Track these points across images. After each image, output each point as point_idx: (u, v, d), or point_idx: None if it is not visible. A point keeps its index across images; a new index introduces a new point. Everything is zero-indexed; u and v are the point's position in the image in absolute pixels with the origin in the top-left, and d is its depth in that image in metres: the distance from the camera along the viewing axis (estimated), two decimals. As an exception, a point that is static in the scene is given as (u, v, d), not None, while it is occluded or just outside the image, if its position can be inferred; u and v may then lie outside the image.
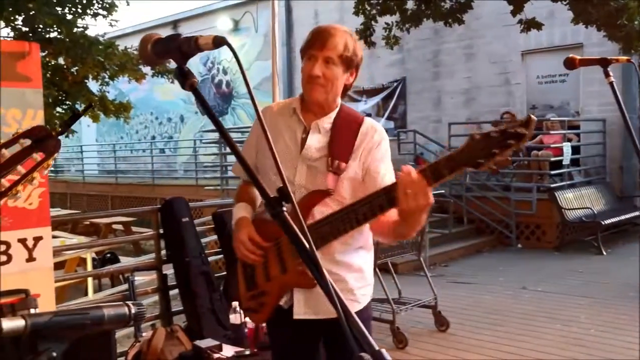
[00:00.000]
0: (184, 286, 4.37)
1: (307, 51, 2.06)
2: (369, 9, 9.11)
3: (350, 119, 2.14)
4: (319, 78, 2.02)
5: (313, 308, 2.08)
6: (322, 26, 2.10)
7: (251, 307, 2.22)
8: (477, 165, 1.66)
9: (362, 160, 2.08)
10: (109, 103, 6.98)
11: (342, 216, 1.90)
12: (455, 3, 8.75)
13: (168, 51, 1.11)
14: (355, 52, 2.07)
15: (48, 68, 6.62)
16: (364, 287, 2.17)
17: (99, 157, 20.48)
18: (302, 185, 2.07)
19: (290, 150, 2.10)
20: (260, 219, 2.17)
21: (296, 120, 2.14)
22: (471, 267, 7.95)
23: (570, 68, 2.34)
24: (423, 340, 4.94)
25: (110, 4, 6.91)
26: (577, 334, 5.00)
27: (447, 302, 5.96)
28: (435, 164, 1.72)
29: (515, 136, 1.61)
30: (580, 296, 6.15)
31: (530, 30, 8.66)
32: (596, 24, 7.82)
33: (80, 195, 17.97)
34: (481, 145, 1.64)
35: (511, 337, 4.96)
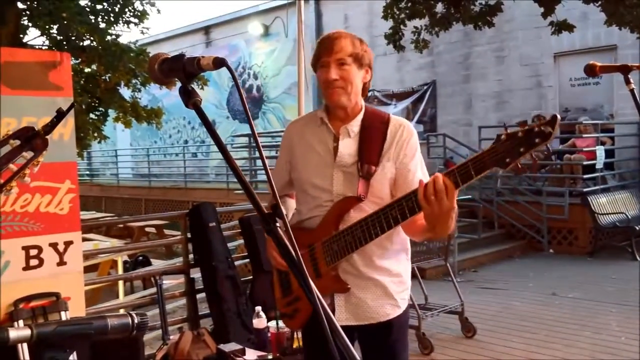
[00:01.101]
0: (211, 290, 4.43)
1: (318, 61, 2.11)
2: (397, 12, 9.11)
3: (376, 119, 2.16)
4: (337, 81, 2.06)
5: (354, 314, 2.11)
6: (324, 35, 2.15)
7: (287, 312, 2.27)
8: (505, 165, 1.69)
9: (394, 159, 2.09)
10: (140, 109, 7.11)
11: (374, 220, 1.94)
12: (485, 6, 8.68)
13: (173, 70, 1.15)
14: (364, 49, 2.12)
15: (81, 75, 6.78)
16: (403, 291, 2.18)
17: (133, 161, 20.84)
18: (341, 193, 2.09)
19: (325, 160, 2.13)
20: (293, 228, 2.21)
21: (325, 129, 2.17)
22: (501, 272, 7.87)
23: (591, 75, 2.31)
24: (449, 346, 4.91)
25: (141, 12, 7.05)
26: (608, 341, 4.91)
27: (475, 308, 5.92)
28: (463, 166, 1.75)
29: (540, 135, 1.65)
30: (613, 303, 6.03)
31: (562, 32, 8.55)
32: (629, 26, 7.68)
33: (115, 198, 18.31)
34: (507, 145, 1.68)
35: (540, 344, 4.89)
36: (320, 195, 2.12)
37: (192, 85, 1.14)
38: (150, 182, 17.58)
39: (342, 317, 2.11)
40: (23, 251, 3.41)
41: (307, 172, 2.16)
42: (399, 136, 2.11)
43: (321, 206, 2.12)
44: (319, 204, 2.12)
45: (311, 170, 2.15)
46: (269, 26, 16.04)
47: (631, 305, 5.90)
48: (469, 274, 7.76)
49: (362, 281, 2.10)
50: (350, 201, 2.05)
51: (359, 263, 2.08)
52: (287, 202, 2.41)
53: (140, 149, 20.27)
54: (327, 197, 2.10)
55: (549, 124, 1.65)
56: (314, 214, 2.14)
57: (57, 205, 3.60)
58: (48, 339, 0.82)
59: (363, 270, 2.09)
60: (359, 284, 2.10)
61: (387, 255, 2.11)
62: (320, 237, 2.09)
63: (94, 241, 10.74)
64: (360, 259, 2.08)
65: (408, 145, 2.11)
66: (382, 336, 2.17)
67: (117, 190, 18.49)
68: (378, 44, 12.17)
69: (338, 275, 2.09)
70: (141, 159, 19.94)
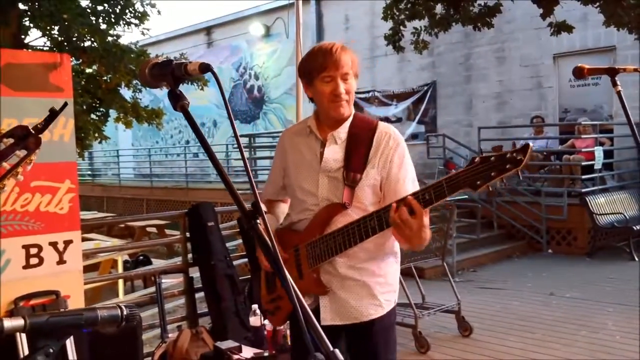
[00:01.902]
0: (210, 289, 4.46)
1: (319, 74, 2.13)
2: (397, 13, 9.15)
3: (363, 126, 2.22)
4: (344, 95, 2.13)
5: (338, 314, 2.18)
6: (324, 48, 2.17)
7: (269, 309, 2.37)
8: (475, 187, 1.78)
9: (379, 167, 2.15)
10: (141, 110, 7.16)
11: (354, 228, 2.03)
12: (484, 7, 8.71)
13: (162, 75, 1.19)
14: (356, 60, 2.19)
15: (82, 76, 6.82)
16: (388, 293, 2.23)
17: (135, 161, 20.90)
18: (325, 198, 2.16)
19: (312, 165, 2.21)
20: (282, 230, 2.33)
21: (313, 138, 2.25)
22: (500, 272, 7.89)
23: (579, 77, 2.35)
24: (446, 345, 4.95)
25: (142, 13, 7.09)
26: (605, 340, 4.94)
27: (473, 308, 5.96)
28: (438, 184, 1.85)
29: (512, 161, 1.74)
30: (610, 303, 6.06)
31: (561, 33, 8.59)
32: (628, 27, 7.71)
33: (117, 198, 18.36)
34: (481, 168, 1.77)
35: (538, 343, 4.92)
36: (307, 199, 2.20)
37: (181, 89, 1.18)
38: (152, 182, 17.64)
39: (327, 317, 2.18)
40: (23, 250, 3.45)
41: (296, 177, 2.25)
42: (385, 144, 2.17)
43: (308, 210, 2.20)
44: (306, 207, 2.21)
45: (300, 175, 2.23)
46: (270, 27, 16.09)
47: (629, 305, 5.93)
48: (468, 274, 7.80)
49: (345, 281, 2.17)
50: (335, 208, 2.14)
51: (341, 265, 2.16)
52: (280, 206, 2.50)
53: (142, 149, 20.33)
54: (313, 201, 2.18)
55: (520, 152, 1.75)
56: (302, 217, 2.23)
57: (57, 205, 3.64)
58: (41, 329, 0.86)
59: (344, 273, 2.16)
60: (341, 285, 2.17)
61: (371, 258, 2.18)
62: (306, 239, 2.18)
63: (95, 241, 10.81)
64: (342, 262, 2.16)
65: (395, 154, 2.16)
66: (366, 336, 2.23)
67: (119, 190, 18.54)
68: (379, 44, 12.22)
69: (319, 278, 2.18)
70: (143, 159, 20.00)
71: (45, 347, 0.85)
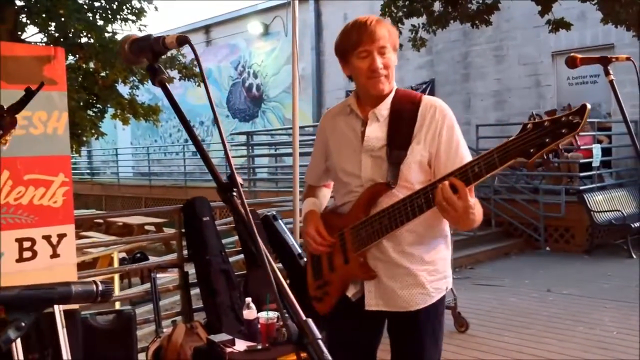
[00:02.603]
0: (205, 284, 4.45)
1: (355, 49, 2.04)
2: (395, 11, 9.13)
3: (406, 101, 2.10)
4: (382, 69, 2.03)
5: (384, 300, 2.09)
6: (359, 22, 2.07)
7: (317, 295, 2.26)
8: (529, 156, 1.66)
9: (427, 143, 2.04)
10: (138, 106, 7.14)
11: (399, 207, 1.93)
12: (482, 4, 8.70)
13: (142, 50, 1.19)
14: (395, 33, 2.11)
15: (79, 72, 6.81)
16: (438, 281, 2.12)
17: (134, 160, 20.88)
18: (369, 178, 2.06)
19: (354, 146, 2.11)
20: (327, 213, 2.26)
21: (354, 116, 2.15)
22: (498, 270, 7.88)
23: (572, 67, 2.34)
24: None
25: (139, 9, 7.08)
26: (601, 336, 4.93)
27: (470, 304, 5.95)
28: (488, 154, 1.73)
29: (568, 125, 1.62)
30: (607, 299, 6.05)
31: (559, 30, 8.57)
32: (625, 24, 7.70)
33: (115, 197, 18.35)
34: (533, 134, 1.65)
35: (534, 339, 4.91)
36: (351, 181, 2.11)
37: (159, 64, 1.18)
38: (151, 181, 17.62)
39: (371, 302, 2.10)
40: (16, 243, 3.43)
41: (338, 159, 2.17)
42: (431, 117, 2.05)
43: (352, 192, 2.12)
44: (350, 189, 2.13)
45: (342, 156, 2.15)
46: (269, 25, 16.08)
47: (626, 302, 5.92)
48: (466, 271, 7.79)
49: (392, 268, 2.07)
50: (379, 188, 2.03)
51: (390, 249, 2.06)
52: (322, 191, 2.41)
53: (141, 147, 20.32)
54: (357, 183, 2.09)
55: (577, 114, 1.62)
56: (346, 199, 2.15)
57: (51, 198, 3.63)
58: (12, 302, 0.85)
59: (393, 257, 2.06)
60: (388, 271, 2.07)
61: (419, 242, 2.07)
62: (350, 222, 2.09)
63: (92, 238, 10.82)
64: (390, 246, 2.06)
65: (444, 127, 2.04)
66: (411, 326, 2.13)
67: (118, 189, 18.53)
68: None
69: (365, 262, 2.08)
70: (142, 158, 19.99)
71: (17, 321, 0.84)
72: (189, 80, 7.27)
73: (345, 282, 2.15)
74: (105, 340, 3.86)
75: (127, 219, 12.72)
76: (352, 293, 2.14)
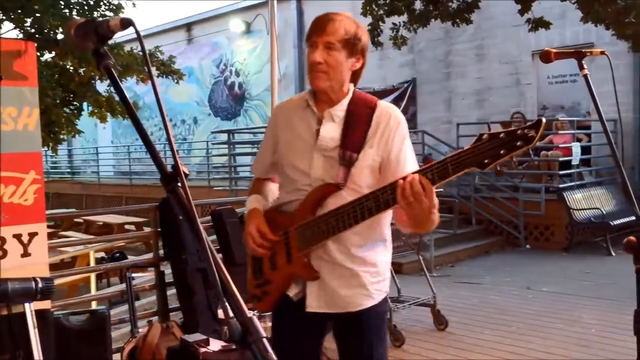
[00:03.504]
0: (181, 283, 4.39)
1: (308, 40, 2.04)
2: (376, 9, 9.11)
3: (363, 105, 2.08)
4: (321, 65, 1.99)
5: (326, 302, 2.06)
6: (320, 15, 2.07)
7: (256, 294, 2.22)
8: (483, 166, 1.67)
9: (380, 147, 2.03)
10: (116, 104, 7.05)
11: (348, 209, 1.91)
12: (462, 3, 8.71)
13: (87, 34, 1.14)
14: (357, 36, 2.04)
15: (55, 69, 6.71)
16: (379, 282, 2.12)
17: (115, 158, 20.70)
18: (319, 178, 2.03)
19: (306, 142, 2.07)
20: (271, 211, 2.19)
21: (310, 112, 2.10)
22: (478, 267, 7.90)
23: (546, 61, 2.32)
24: (422, 338, 4.92)
25: (117, 5, 6.99)
26: (579, 333, 4.95)
27: (450, 302, 5.95)
28: (441, 163, 1.74)
29: (523, 138, 1.63)
30: (587, 297, 6.08)
31: (538, 29, 8.60)
32: (604, 23, 7.74)
33: (96, 196, 18.16)
34: (489, 145, 1.66)
35: (513, 337, 4.92)
36: (299, 179, 2.07)
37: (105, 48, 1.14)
38: (132, 180, 17.45)
39: (313, 304, 2.07)
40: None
41: (288, 154, 2.11)
42: (385, 124, 2.04)
43: (299, 190, 2.07)
44: (297, 187, 2.08)
45: (293, 152, 2.10)
46: (251, 23, 16.00)
47: (605, 298, 5.95)
48: (446, 269, 7.79)
49: (336, 269, 2.05)
50: (328, 188, 2.01)
51: (334, 250, 2.04)
52: (268, 185, 2.34)
53: (122, 146, 20.13)
54: (306, 181, 2.05)
55: (532, 128, 1.63)
56: (292, 197, 2.10)
57: (22, 196, 3.54)
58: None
59: (337, 257, 2.04)
60: (332, 272, 2.05)
61: (363, 243, 2.06)
62: (296, 221, 2.05)
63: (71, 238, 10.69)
64: (336, 247, 2.04)
65: (396, 135, 2.04)
66: (355, 326, 2.12)
67: (99, 188, 18.34)
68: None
69: (309, 263, 2.05)
70: (123, 157, 19.81)
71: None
72: (166, 77, 7.18)
73: (287, 281, 2.11)
74: (78, 341, 3.79)
75: (106, 217, 12.60)
76: (293, 293, 2.10)
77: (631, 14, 7.18)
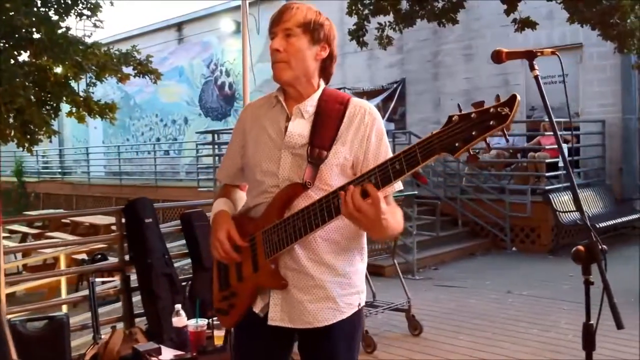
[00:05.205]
0: (146, 288, 4.31)
1: (269, 33, 1.94)
2: (362, 8, 9.02)
3: (334, 100, 1.96)
4: (280, 53, 1.89)
5: (290, 315, 1.92)
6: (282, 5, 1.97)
7: (222, 308, 2.07)
8: (454, 150, 1.53)
9: (354, 146, 1.90)
10: (93, 104, 6.94)
11: (315, 208, 1.78)
12: (447, 2, 8.62)
13: None
14: (317, 21, 1.93)
15: (32, 68, 6.61)
16: (350, 295, 1.96)
17: (105, 159, 20.61)
18: (286, 178, 1.90)
19: (274, 141, 1.94)
20: (237, 217, 2.05)
21: (279, 109, 1.99)
22: (462, 270, 7.81)
23: (497, 62, 2.21)
24: (394, 344, 4.83)
25: (94, 4, 6.87)
26: (555, 339, 4.86)
27: (428, 306, 5.88)
28: (408, 151, 1.60)
29: (497, 117, 1.49)
30: (566, 301, 5.99)
31: (524, 29, 8.51)
32: (590, 23, 7.66)
33: (86, 197, 18.07)
34: (460, 127, 1.52)
35: (486, 342, 4.83)
36: (266, 180, 1.93)
37: None
38: (122, 180, 17.36)
39: (276, 316, 1.92)
40: None
41: (256, 155, 1.97)
42: (359, 120, 1.91)
43: (266, 192, 1.93)
44: (264, 189, 1.94)
45: (260, 152, 1.96)
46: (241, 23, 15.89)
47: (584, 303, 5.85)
48: (429, 272, 7.71)
49: (303, 279, 1.90)
50: (295, 189, 1.86)
51: (303, 258, 1.89)
52: (238, 193, 2.18)
53: (112, 146, 20.04)
54: (273, 182, 1.91)
55: (506, 105, 1.50)
56: (259, 200, 1.95)
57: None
58: None
59: (305, 266, 1.89)
60: (298, 282, 1.90)
61: (335, 252, 1.91)
62: (263, 226, 1.91)
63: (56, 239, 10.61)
64: (304, 254, 1.89)
65: (373, 131, 1.91)
66: (322, 344, 1.97)
67: (89, 188, 18.25)
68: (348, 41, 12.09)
69: (276, 270, 1.90)
70: (113, 157, 19.72)
71: None
72: (143, 77, 7.08)
73: (253, 292, 1.97)
74: (35, 348, 3.70)
75: (94, 219, 12.49)
76: (259, 307, 1.96)
77: (616, 15, 7.09)
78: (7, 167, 21.70)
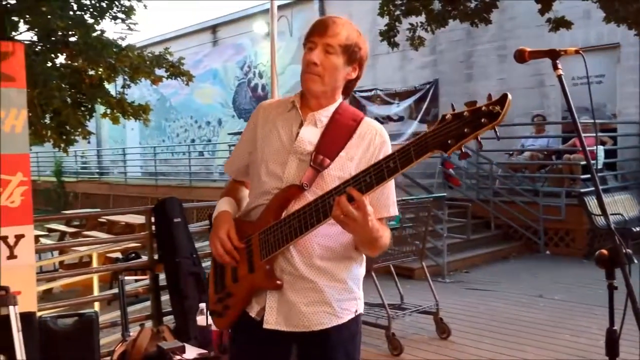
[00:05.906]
0: (174, 287, 4.37)
1: (306, 40, 1.95)
2: (393, 9, 8.99)
3: (348, 115, 1.99)
4: (317, 66, 1.91)
5: (285, 318, 1.92)
6: (325, 16, 2.00)
7: (217, 310, 2.09)
8: (447, 147, 1.57)
9: (361, 163, 1.92)
10: (127, 105, 7.08)
11: (311, 208, 1.80)
12: (480, 2, 8.53)
13: None
14: (357, 44, 1.96)
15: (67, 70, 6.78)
16: (347, 300, 1.97)
17: (142, 159, 20.94)
18: (290, 182, 1.91)
19: (284, 145, 1.96)
20: (237, 220, 2.06)
21: (294, 114, 2.01)
22: (494, 273, 7.71)
23: (520, 61, 2.20)
24: (420, 347, 4.80)
25: (128, 7, 7.01)
26: (585, 345, 4.76)
27: (457, 309, 5.82)
28: (402, 150, 1.64)
29: (488, 115, 1.53)
30: (598, 306, 5.85)
31: (559, 29, 8.38)
32: (627, 22, 7.49)
33: (123, 196, 18.38)
34: (452, 125, 1.56)
35: (513, 347, 4.76)
36: (269, 181, 1.95)
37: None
38: (157, 181, 17.62)
39: (271, 320, 1.92)
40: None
41: (264, 155, 1.99)
42: (370, 140, 1.96)
43: (268, 193, 1.95)
44: (266, 190, 1.95)
45: (268, 153, 1.98)
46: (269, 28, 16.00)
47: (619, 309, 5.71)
48: (460, 275, 7.63)
49: (298, 282, 1.91)
50: (292, 191, 1.89)
51: (298, 261, 1.90)
52: (243, 190, 2.20)
53: (148, 147, 20.36)
54: (276, 184, 1.93)
55: (497, 103, 1.54)
56: (260, 202, 1.97)
57: (8, 198, 3.56)
58: None
59: (301, 269, 1.90)
60: (294, 285, 1.91)
61: (331, 256, 1.93)
62: (259, 228, 1.93)
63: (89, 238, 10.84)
64: (299, 258, 1.90)
65: (381, 153, 1.93)
66: (319, 348, 1.97)
67: (125, 188, 18.56)
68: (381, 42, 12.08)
69: (272, 270, 1.91)
70: (149, 158, 20.03)
71: None
72: (176, 78, 7.19)
73: (248, 294, 1.98)
74: (65, 344, 3.77)
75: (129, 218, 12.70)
76: (256, 311, 1.97)
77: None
78: (47, 167, 22.24)
